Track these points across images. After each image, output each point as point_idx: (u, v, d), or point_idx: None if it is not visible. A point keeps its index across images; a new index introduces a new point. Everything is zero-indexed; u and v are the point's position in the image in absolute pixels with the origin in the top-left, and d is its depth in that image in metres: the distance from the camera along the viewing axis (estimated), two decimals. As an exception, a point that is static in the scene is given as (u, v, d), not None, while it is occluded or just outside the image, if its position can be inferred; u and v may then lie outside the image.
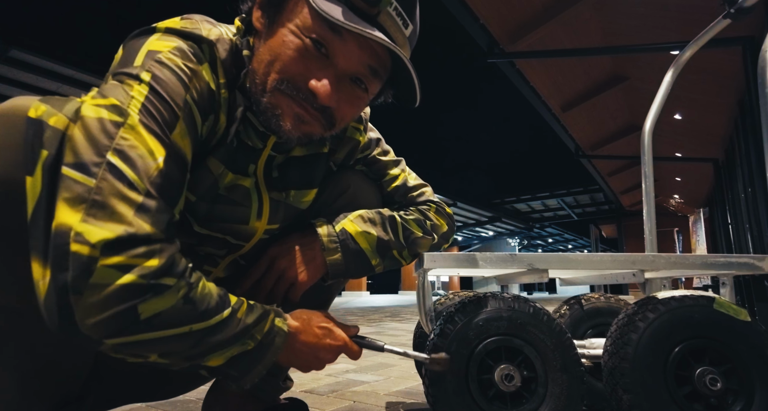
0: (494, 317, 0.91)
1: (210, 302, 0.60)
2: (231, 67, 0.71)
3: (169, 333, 0.56)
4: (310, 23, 0.66)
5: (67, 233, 0.51)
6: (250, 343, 0.65)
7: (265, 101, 0.69)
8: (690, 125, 9.30)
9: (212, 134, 0.72)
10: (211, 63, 0.68)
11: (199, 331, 0.59)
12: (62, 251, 0.50)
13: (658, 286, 1.35)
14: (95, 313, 0.51)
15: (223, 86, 0.70)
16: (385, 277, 46.03)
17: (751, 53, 5.66)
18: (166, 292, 0.55)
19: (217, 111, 0.70)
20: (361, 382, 1.69)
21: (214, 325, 0.60)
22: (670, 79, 1.75)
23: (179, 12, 0.74)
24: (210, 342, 0.61)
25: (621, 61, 8.16)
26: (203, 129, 0.69)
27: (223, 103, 0.70)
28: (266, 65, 0.68)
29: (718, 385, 0.88)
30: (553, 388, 0.89)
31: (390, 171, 0.99)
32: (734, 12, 1.46)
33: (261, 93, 0.69)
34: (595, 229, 23.80)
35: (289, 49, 0.66)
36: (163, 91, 0.61)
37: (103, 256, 0.51)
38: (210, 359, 0.62)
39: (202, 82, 0.66)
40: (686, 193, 15.37)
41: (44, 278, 0.51)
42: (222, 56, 0.69)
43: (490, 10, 6.30)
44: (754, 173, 6.35)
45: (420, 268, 1.01)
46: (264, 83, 0.68)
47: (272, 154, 0.81)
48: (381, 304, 11.24)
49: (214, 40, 0.68)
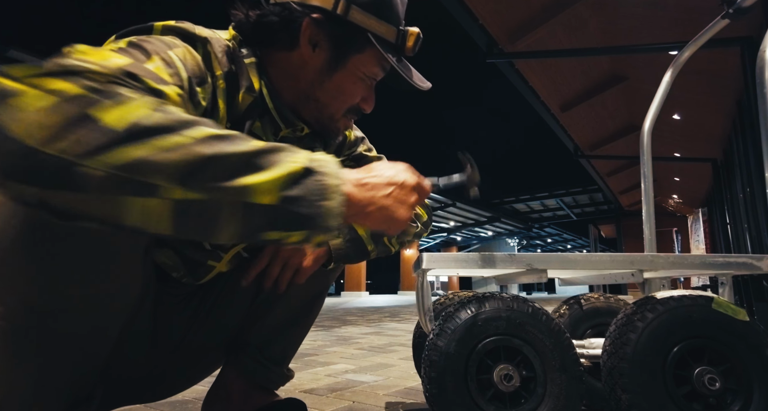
0: (493, 317, 0.91)
1: (202, 120, 0.51)
2: (229, 66, 0.73)
3: (162, 143, 0.46)
4: (374, 70, 0.80)
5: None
6: (295, 165, 0.53)
7: (336, 126, 0.85)
8: (689, 125, 9.30)
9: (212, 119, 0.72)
10: (205, 57, 0.70)
11: (205, 139, 0.48)
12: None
13: (657, 286, 1.35)
14: (40, 125, 0.43)
15: (220, 77, 0.71)
16: (384, 277, 46.00)
17: (749, 53, 5.66)
18: (126, 101, 0.46)
19: (215, 94, 0.71)
20: (361, 382, 1.69)
21: (222, 135, 0.50)
22: (669, 79, 1.75)
23: (183, 13, 0.75)
24: (229, 154, 0.48)
25: (620, 61, 8.17)
26: (203, 100, 0.68)
27: (222, 92, 0.72)
28: (335, 100, 0.81)
29: (717, 384, 0.88)
30: (552, 388, 0.89)
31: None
32: (733, 12, 1.46)
33: (329, 121, 0.83)
34: (594, 229, 23.81)
35: (358, 89, 0.81)
36: (164, 54, 0.62)
37: (38, 76, 0.45)
38: (258, 190, 0.49)
39: (195, 62, 0.67)
40: (685, 193, 15.38)
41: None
42: (217, 53, 0.71)
43: (489, 10, 6.30)
44: (752, 173, 6.35)
45: (419, 269, 1.01)
46: (331, 115, 0.82)
47: None
48: (380, 304, 11.24)
49: (207, 37, 0.71)
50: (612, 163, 13.57)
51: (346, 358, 2.28)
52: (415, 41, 0.79)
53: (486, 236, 28.92)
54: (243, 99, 0.75)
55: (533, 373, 0.90)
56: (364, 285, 22.09)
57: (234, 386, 0.94)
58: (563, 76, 8.41)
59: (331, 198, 0.54)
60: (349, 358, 2.31)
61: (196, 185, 0.46)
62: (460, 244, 30.43)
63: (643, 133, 1.81)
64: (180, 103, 0.57)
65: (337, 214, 0.54)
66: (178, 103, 0.57)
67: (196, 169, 0.46)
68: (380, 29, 0.76)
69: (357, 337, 3.29)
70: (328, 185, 0.54)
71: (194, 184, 0.46)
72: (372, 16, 0.75)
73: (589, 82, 8.81)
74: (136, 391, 0.89)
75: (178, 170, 0.45)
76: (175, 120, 0.48)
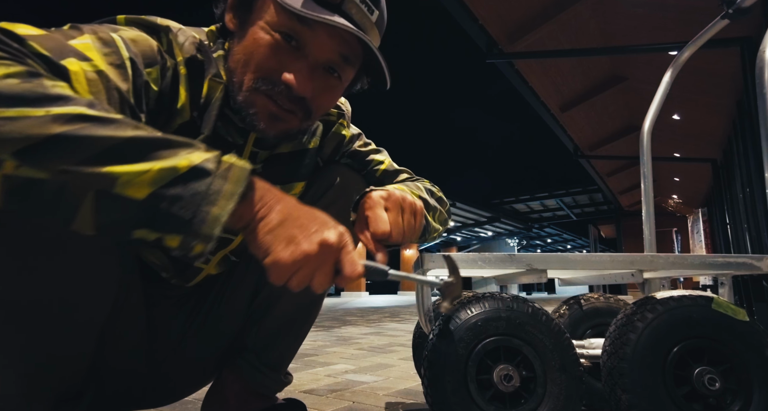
0: (493, 317, 0.91)
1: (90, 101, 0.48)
2: (193, 54, 0.71)
3: (6, 112, 0.43)
4: (277, 18, 0.67)
5: None
6: (181, 162, 0.49)
7: (241, 100, 0.70)
8: (688, 126, 9.31)
9: (173, 110, 0.70)
10: (168, 45, 0.69)
11: (69, 117, 0.45)
12: None
13: (657, 286, 1.35)
14: None
15: (181, 64, 0.70)
16: (384, 277, 45.83)
17: (749, 54, 5.67)
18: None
19: (176, 81, 0.69)
20: (361, 382, 1.69)
21: (102, 118, 0.47)
22: (668, 79, 1.76)
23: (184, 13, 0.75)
24: (96, 138, 0.45)
25: (620, 61, 8.17)
26: (152, 84, 0.66)
27: (184, 79, 0.70)
28: (242, 65, 0.70)
29: (717, 384, 0.88)
30: (552, 388, 0.89)
31: (375, 158, 0.99)
32: (732, 12, 1.46)
33: (237, 91, 0.71)
34: (593, 230, 23.81)
35: (261, 46, 0.68)
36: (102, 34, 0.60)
37: None
38: (121, 180, 0.45)
39: (148, 45, 0.65)
40: (685, 194, 15.38)
41: None
42: (180, 41, 0.70)
43: (488, 11, 6.31)
44: (752, 173, 6.35)
45: (419, 269, 1.01)
46: (241, 82, 0.70)
47: (255, 151, 0.81)
48: (380, 304, 11.24)
49: (168, 26, 0.70)
50: (612, 164, 13.57)
51: (346, 359, 2.28)
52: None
53: (486, 236, 28.93)
54: (210, 86, 0.72)
55: (533, 374, 0.90)
56: (364, 285, 22.09)
57: (231, 390, 0.93)
58: (563, 77, 8.41)
59: (216, 203, 0.49)
60: (349, 358, 2.30)
61: (35, 162, 0.43)
62: (459, 244, 30.42)
63: (642, 134, 1.81)
64: (93, 80, 0.55)
65: (220, 223, 0.49)
66: (90, 80, 0.54)
67: (38, 146, 0.43)
68: None
69: (357, 338, 3.29)
70: (219, 190, 0.50)
71: (33, 160, 0.43)
72: None
73: (588, 82, 8.82)
74: (134, 395, 0.88)
75: (14, 143, 0.43)
76: (39, 93, 0.45)
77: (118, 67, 0.59)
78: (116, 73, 0.58)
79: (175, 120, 0.71)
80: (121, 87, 0.58)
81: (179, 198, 0.48)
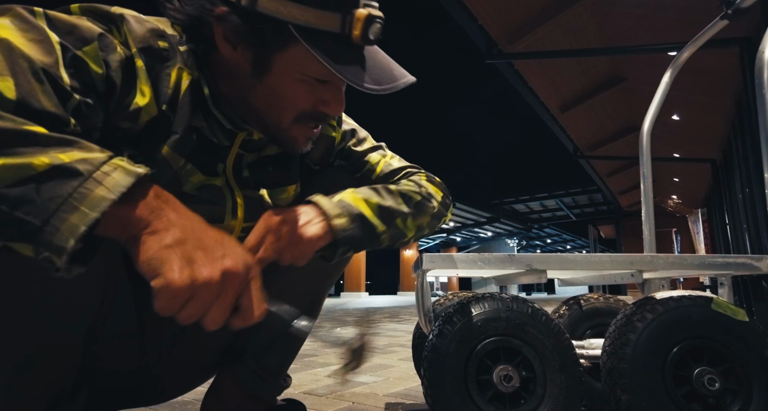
0: (493, 318, 0.91)
1: None
2: (149, 43, 0.66)
3: None
4: (311, 68, 0.66)
5: None
6: (40, 159, 0.43)
7: (289, 136, 0.72)
8: (688, 126, 9.32)
9: (134, 104, 0.65)
10: (123, 35, 0.64)
11: None
12: None
13: (657, 286, 1.35)
14: None
15: (137, 55, 0.64)
16: (383, 278, 46.02)
17: (748, 54, 5.67)
18: None
19: (131, 72, 0.64)
20: (360, 383, 1.69)
21: None
22: (668, 79, 1.76)
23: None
24: None
25: (619, 62, 8.18)
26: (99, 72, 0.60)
27: (142, 72, 0.65)
28: (274, 106, 0.70)
29: (717, 385, 0.88)
30: (552, 388, 0.89)
31: (370, 159, 0.94)
32: (731, 13, 1.46)
33: (276, 129, 0.72)
34: (593, 230, 23.82)
35: (299, 93, 0.68)
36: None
37: None
38: None
39: (87, 27, 0.60)
40: (684, 194, 15.39)
41: None
42: (133, 29, 0.65)
43: (488, 11, 6.31)
44: (751, 174, 6.36)
45: (419, 269, 1.01)
46: (279, 122, 0.71)
47: (241, 153, 0.79)
48: (380, 304, 11.24)
49: (122, 15, 0.65)
50: (611, 164, 13.59)
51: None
52: (365, 26, 0.62)
53: (485, 237, 28.95)
54: (177, 77, 0.68)
55: (533, 374, 0.90)
56: (364, 285, 22.09)
57: (229, 394, 0.92)
58: (562, 77, 8.42)
59: (76, 211, 0.42)
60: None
61: None
62: (459, 244, 30.45)
63: (642, 134, 1.81)
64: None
65: (77, 234, 0.42)
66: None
67: None
68: (307, 17, 0.60)
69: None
70: (85, 195, 0.43)
71: None
72: (290, 2, 0.60)
73: (588, 82, 8.83)
74: (129, 394, 0.88)
75: None
76: None
77: (40, 42, 0.54)
78: (33, 46, 0.53)
79: (140, 116, 0.66)
80: (41, 59, 0.52)
81: (28, 201, 0.42)
